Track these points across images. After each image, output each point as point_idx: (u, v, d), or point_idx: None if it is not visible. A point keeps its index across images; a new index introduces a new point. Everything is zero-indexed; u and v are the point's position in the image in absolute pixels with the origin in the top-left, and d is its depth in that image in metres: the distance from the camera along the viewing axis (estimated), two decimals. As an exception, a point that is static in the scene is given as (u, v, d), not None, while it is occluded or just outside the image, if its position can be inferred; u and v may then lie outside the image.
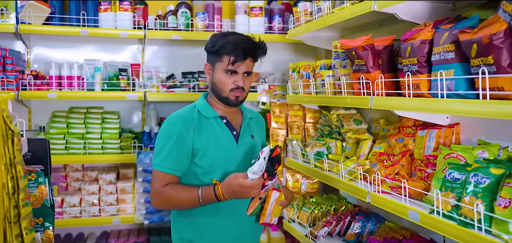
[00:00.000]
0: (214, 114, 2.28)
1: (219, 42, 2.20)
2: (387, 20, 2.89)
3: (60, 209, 3.64)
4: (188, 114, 2.25)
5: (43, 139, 1.83)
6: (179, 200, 2.17)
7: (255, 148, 2.38)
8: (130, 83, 3.74)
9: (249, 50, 2.20)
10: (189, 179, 2.24)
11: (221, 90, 2.23)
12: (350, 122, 3.12)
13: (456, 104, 1.71)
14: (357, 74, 2.38)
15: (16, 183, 1.37)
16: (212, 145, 2.21)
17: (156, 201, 2.21)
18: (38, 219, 1.76)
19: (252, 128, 2.42)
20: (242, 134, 2.33)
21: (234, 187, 2.06)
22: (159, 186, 2.17)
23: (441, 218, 1.74)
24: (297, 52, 4.38)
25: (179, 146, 2.17)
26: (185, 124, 2.20)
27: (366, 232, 2.86)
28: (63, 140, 3.69)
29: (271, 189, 2.18)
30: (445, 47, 1.76)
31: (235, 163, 2.26)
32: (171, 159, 2.17)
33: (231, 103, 2.26)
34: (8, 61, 3.47)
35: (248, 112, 2.45)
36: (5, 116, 1.33)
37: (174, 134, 2.18)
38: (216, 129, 2.26)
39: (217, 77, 2.23)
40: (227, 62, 2.18)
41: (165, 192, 2.16)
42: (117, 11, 3.69)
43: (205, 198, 2.13)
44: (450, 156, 1.97)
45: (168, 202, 2.18)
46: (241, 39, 2.19)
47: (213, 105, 2.32)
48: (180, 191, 2.17)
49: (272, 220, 2.25)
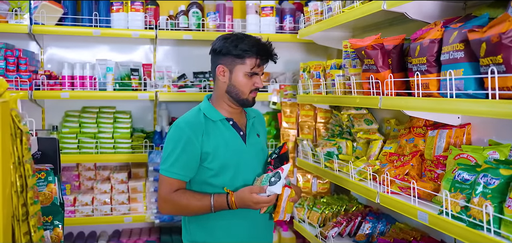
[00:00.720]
0: (220, 117, 2.26)
1: (240, 45, 2.18)
2: (398, 20, 2.87)
3: (72, 207, 3.68)
4: (195, 119, 2.23)
5: (53, 138, 1.85)
6: (190, 207, 2.16)
7: (262, 147, 2.39)
8: (142, 83, 3.77)
9: (270, 53, 2.24)
10: (198, 184, 2.23)
11: (241, 93, 2.23)
12: (361, 122, 3.10)
13: (465, 104, 1.69)
14: (367, 74, 2.36)
15: (24, 182, 1.38)
16: (221, 147, 2.20)
17: (165, 206, 2.20)
18: (48, 217, 1.78)
19: (256, 127, 2.42)
20: (249, 134, 2.33)
21: (248, 201, 2.10)
22: (168, 192, 2.17)
23: (450, 219, 1.72)
24: (308, 52, 4.37)
25: (188, 152, 2.15)
26: (193, 129, 2.18)
27: (376, 233, 2.84)
28: (76, 139, 3.73)
29: (283, 186, 2.18)
30: (454, 47, 1.75)
31: (245, 163, 2.26)
32: (180, 164, 2.15)
33: (248, 104, 2.29)
34: (22, 61, 3.52)
35: (251, 111, 2.45)
36: (14, 115, 1.35)
37: (183, 139, 2.16)
38: (223, 131, 2.25)
39: (237, 80, 2.22)
40: (251, 65, 2.19)
41: (175, 199, 2.15)
42: (129, 11, 3.71)
43: (217, 206, 2.14)
44: (460, 157, 1.95)
45: (177, 208, 2.18)
46: (261, 41, 2.23)
47: (218, 107, 2.30)
48: (191, 198, 2.16)
49: (285, 217, 2.26)
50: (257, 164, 2.32)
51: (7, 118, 1.30)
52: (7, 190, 1.29)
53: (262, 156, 2.38)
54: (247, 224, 2.27)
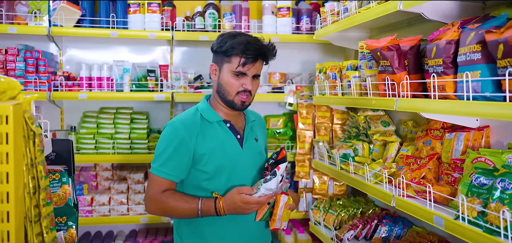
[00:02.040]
0: (217, 119, 2.19)
1: (228, 42, 2.09)
2: (415, 20, 2.82)
3: (90, 207, 3.72)
4: (191, 119, 2.16)
5: (67, 140, 1.87)
6: (177, 209, 2.08)
7: (260, 151, 2.31)
8: (158, 84, 3.79)
9: (260, 52, 2.11)
10: (190, 186, 2.17)
11: (227, 93, 2.14)
12: (378, 124, 3.07)
13: (483, 107, 1.65)
14: (383, 75, 2.33)
15: (37, 183, 1.40)
16: (217, 150, 2.13)
17: (151, 206, 2.13)
18: (62, 218, 1.81)
19: (255, 130, 2.34)
20: (246, 138, 2.25)
21: (238, 203, 2.00)
22: (156, 191, 2.10)
23: (466, 225, 1.68)
24: (326, 52, 4.34)
25: (180, 152, 2.08)
26: (188, 129, 2.11)
27: (392, 237, 2.80)
28: (93, 139, 3.77)
29: (280, 193, 2.11)
30: (471, 48, 1.71)
31: (241, 168, 2.19)
32: (171, 165, 2.09)
33: (236, 108, 2.18)
34: (41, 62, 3.57)
35: (251, 114, 2.36)
36: (26, 117, 1.36)
37: (176, 139, 2.09)
38: (220, 133, 2.18)
39: (224, 79, 2.13)
40: (236, 63, 2.09)
41: (162, 199, 2.08)
42: (145, 13, 3.74)
43: (205, 210, 2.06)
44: (478, 160, 1.91)
45: (164, 209, 2.10)
46: (252, 40, 2.10)
47: (216, 108, 2.23)
48: (179, 199, 2.08)
49: (282, 225, 2.18)
50: (253, 169, 2.24)
51: (20, 120, 1.31)
52: (20, 191, 1.30)
53: (259, 161, 2.28)
54: (241, 229, 2.17)
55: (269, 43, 2.18)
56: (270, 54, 2.18)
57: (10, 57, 3.53)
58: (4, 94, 1.36)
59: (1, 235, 1.24)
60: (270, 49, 2.17)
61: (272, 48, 2.18)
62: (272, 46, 2.18)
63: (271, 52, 2.18)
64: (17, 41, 3.78)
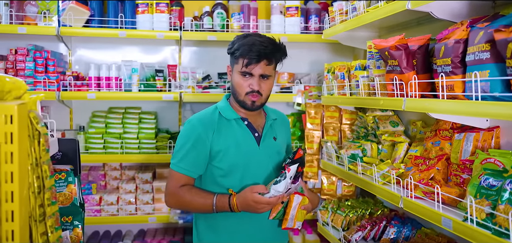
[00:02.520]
0: (235, 116, 2.23)
1: (236, 43, 2.16)
2: (425, 19, 2.80)
3: (98, 206, 3.74)
4: (208, 117, 2.22)
5: (73, 139, 1.87)
6: (193, 203, 2.15)
7: (278, 150, 2.32)
8: (167, 84, 3.79)
9: (264, 53, 2.11)
10: (207, 182, 2.22)
11: (238, 94, 2.19)
12: (386, 124, 3.04)
13: (491, 107, 1.62)
14: (391, 75, 2.31)
15: (42, 183, 1.40)
16: (232, 147, 2.17)
17: (170, 200, 2.22)
18: (68, 218, 1.81)
19: (275, 129, 2.35)
20: (264, 136, 2.27)
21: (249, 201, 2.04)
22: (175, 186, 2.18)
23: (475, 227, 1.66)
24: (335, 52, 4.32)
25: (197, 148, 2.15)
26: (205, 126, 2.17)
27: (401, 238, 2.78)
28: (101, 139, 3.78)
29: (293, 193, 2.12)
30: (480, 47, 1.68)
31: (256, 165, 2.21)
32: (188, 160, 2.16)
33: (247, 108, 2.20)
34: (50, 62, 3.59)
35: (272, 113, 2.39)
36: (32, 117, 1.36)
37: (193, 136, 2.16)
38: (236, 130, 2.22)
39: (234, 79, 2.19)
40: (241, 64, 2.13)
41: (180, 194, 2.16)
42: (154, 13, 3.74)
43: (219, 206, 2.11)
44: (487, 161, 1.88)
45: (182, 203, 2.19)
46: (258, 41, 2.11)
47: (235, 107, 2.27)
48: (195, 194, 2.15)
49: (296, 225, 2.19)
50: (269, 167, 2.25)
51: (25, 120, 1.31)
52: (25, 191, 1.30)
53: (277, 159, 2.30)
54: (255, 227, 2.21)
55: (279, 44, 2.19)
56: (278, 55, 2.19)
57: (20, 57, 3.56)
58: (9, 94, 1.36)
59: (6, 234, 1.24)
60: (278, 50, 2.18)
61: (278, 49, 2.18)
62: (280, 46, 2.19)
63: (279, 53, 2.19)
64: (27, 42, 3.81)
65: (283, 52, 2.21)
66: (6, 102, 1.26)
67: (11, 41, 3.84)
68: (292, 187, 2.11)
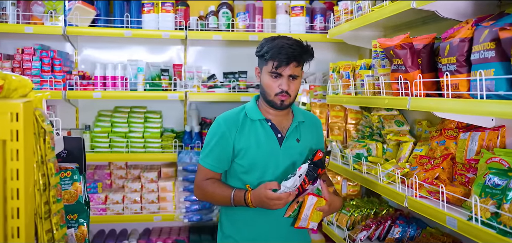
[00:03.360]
0: (259, 117, 2.31)
1: (265, 46, 2.23)
2: (430, 18, 2.79)
3: (104, 205, 3.75)
4: (233, 116, 2.33)
5: (78, 137, 1.88)
6: (214, 196, 2.28)
7: (301, 151, 2.33)
8: (172, 83, 3.80)
9: (293, 55, 2.17)
10: (231, 177, 2.33)
11: (267, 94, 2.26)
12: (391, 123, 3.03)
13: (496, 106, 1.61)
14: (396, 74, 2.30)
15: (47, 180, 1.41)
16: (253, 146, 2.26)
17: (196, 192, 2.36)
18: (73, 215, 1.82)
19: (301, 131, 2.37)
20: (288, 137, 2.31)
21: (262, 196, 2.10)
22: (201, 179, 2.32)
23: (479, 226, 1.65)
24: (340, 51, 4.31)
25: (221, 145, 2.27)
26: (228, 124, 2.29)
27: (406, 238, 2.77)
28: (107, 138, 3.80)
29: (308, 194, 2.13)
30: (485, 46, 1.67)
31: (275, 165, 2.26)
32: (213, 156, 2.29)
33: (276, 107, 2.27)
34: (56, 62, 3.62)
35: (300, 115, 2.42)
36: (37, 115, 1.37)
37: (217, 134, 2.29)
38: (259, 130, 2.29)
39: (264, 81, 2.26)
40: (271, 66, 2.20)
41: (204, 186, 2.30)
42: (159, 12, 3.76)
43: (236, 200, 2.21)
44: (492, 161, 1.87)
45: (205, 195, 2.31)
46: (287, 43, 2.18)
47: (261, 108, 2.35)
48: (216, 188, 2.27)
49: (310, 225, 2.20)
50: (290, 168, 2.28)
51: (30, 117, 1.32)
52: (30, 188, 1.31)
53: (299, 160, 2.32)
54: (272, 222, 2.26)
55: (306, 45, 2.25)
56: (306, 56, 2.25)
57: (26, 56, 3.58)
58: (15, 92, 1.38)
59: (12, 231, 1.25)
60: (306, 51, 2.24)
61: (308, 50, 2.24)
62: (308, 48, 2.25)
63: (307, 54, 2.25)
64: (33, 41, 3.83)
65: (310, 53, 2.27)
66: (12, 100, 1.27)
67: (18, 40, 3.87)
68: (309, 188, 2.12)
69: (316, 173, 2.16)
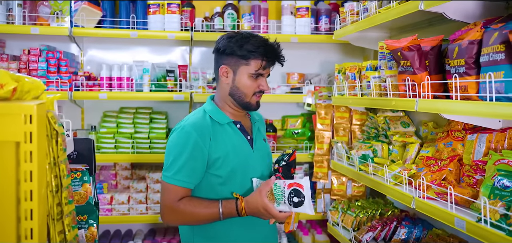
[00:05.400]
0: (227, 120, 2.14)
1: (245, 45, 2.05)
2: (437, 20, 2.79)
3: (109, 205, 3.76)
4: (202, 122, 2.08)
5: (88, 139, 1.89)
6: (197, 215, 2.01)
7: (268, 152, 2.31)
8: (177, 84, 3.81)
9: (277, 54, 2.11)
10: (204, 191, 2.09)
11: (244, 95, 2.11)
12: (397, 125, 3.04)
13: (506, 108, 1.62)
14: (403, 75, 2.31)
15: (59, 181, 1.42)
16: (231, 153, 2.08)
17: (168, 216, 2.05)
18: (83, 216, 1.83)
19: (261, 130, 2.32)
20: (255, 138, 2.23)
21: (260, 207, 1.97)
22: (173, 200, 2.01)
23: (488, 228, 1.65)
24: (345, 53, 4.32)
25: (195, 157, 2.01)
26: (201, 133, 2.03)
27: (412, 239, 2.77)
28: (113, 139, 3.81)
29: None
30: (494, 48, 1.68)
31: (253, 170, 2.16)
32: (185, 171, 2.00)
33: (252, 108, 2.16)
34: (62, 63, 3.63)
35: (255, 114, 2.34)
36: (49, 116, 1.38)
37: (189, 145, 2.01)
38: (232, 135, 2.13)
39: (241, 82, 2.09)
40: (256, 66, 2.07)
41: (180, 208, 2.01)
42: (165, 13, 3.76)
43: (226, 213, 2.01)
44: (500, 162, 1.87)
45: (184, 217, 2.04)
46: (268, 42, 2.10)
47: (223, 109, 2.18)
48: (197, 205, 2.02)
49: (295, 227, 2.22)
50: (264, 170, 2.22)
51: (43, 119, 1.33)
52: (43, 189, 1.32)
53: (269, 161, 2.28)
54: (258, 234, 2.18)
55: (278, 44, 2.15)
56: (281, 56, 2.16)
57: (32, 57, 3.59)
58: (28, 94, 1.38)
59: (25, 232, 1.26)
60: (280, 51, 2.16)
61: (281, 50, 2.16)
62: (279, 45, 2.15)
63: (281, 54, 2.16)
64: (40, 42, 3.84)
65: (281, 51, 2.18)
66: (25, 102, 1.28)
67: (24, 41, 3.88)
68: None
69: (290, 173, 2.17)
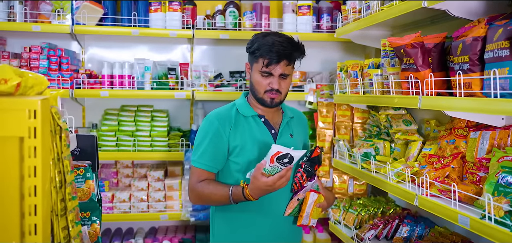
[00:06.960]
0: (252, 113, 2.28)
1: (256, 43, 2.19)
2: (439, 17, 2.79)
3: (111, 204, 3.76)
4: (225, 113, 2.27)
5: (91, 135, 1.88)
6: (211, 196, 2.19)
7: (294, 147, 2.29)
8: (179, 82, 3.81)
9: (284, 53, 2.14)
10: (226, 176, 2.26)
11: (257, 91, 2.24)
12: (399, 123, 3.03)
13: (511, 105, 1.61)
14: (406, 73, 2.30)
15: (63, 177, 1.41)
16: (248, 143, 2.22)
17: (191, 196, 2.27)
18: (86, 213, 1.82)
19: (292, 126, 2.39)
20: (281, 133, 2.31)
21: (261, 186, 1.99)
22: (195, 181, 2.22)
23: (493, 224, 1.65)
24: (346, 51, 4.31)
25: (215, 143, 2.20)
26: (222, 122, 2.22)
27: (414, 237, 2.77)
28: (114, 137, 3.80)
29: (309, 191, 2.14)
30: (499, 45, 1.67)
31: None
32: (207, 156, 2.20)
33: (266, 105, 2.25)
34: (63, 60, 3.62)
35: (289, 111, 2.42)
36: (53, 112, 1.37)
37: (210, 132, 2.21)
38: (253, 127, 2.26)
39: (254, 78, 2.24)
40: (261, 64, 2.17)
41: (199, 188, 2.20)
42: (166, 11, 3.76)
43: (236, 197, 2.13)
44: (504, 159, 1.87)
45: (201, 197, 2.23)
46: (278, 41, 2.14)
47: (252, 104, 2.32)
48: (213, 188, 2.18)
49: (311, 222, 2.21)
50: None
51: (47, 115, 1.32)
52: (47, 185, 1.32)
53: None
54: (268, 222, 2.24)
55: (298, 43, 2.21)
56: (297, 54, 2.22)
57: (34, 55, 3.59)
58: (31, 90, 1.38)
59: (29, 228, 1.25)
60: (297, 49, 2.20)
61: (299, 48, 2.21)
62: (299, 46, 2.22)
63: (298, 52, 2.22)
64: (41, 40, 3.84)
65: (301, 51, 2.25)
66: (29, 98, 1.27)
67: (25, 39, 3.87)
68: (308, 185, 2.12)
69: (313, 170, 2.16)
